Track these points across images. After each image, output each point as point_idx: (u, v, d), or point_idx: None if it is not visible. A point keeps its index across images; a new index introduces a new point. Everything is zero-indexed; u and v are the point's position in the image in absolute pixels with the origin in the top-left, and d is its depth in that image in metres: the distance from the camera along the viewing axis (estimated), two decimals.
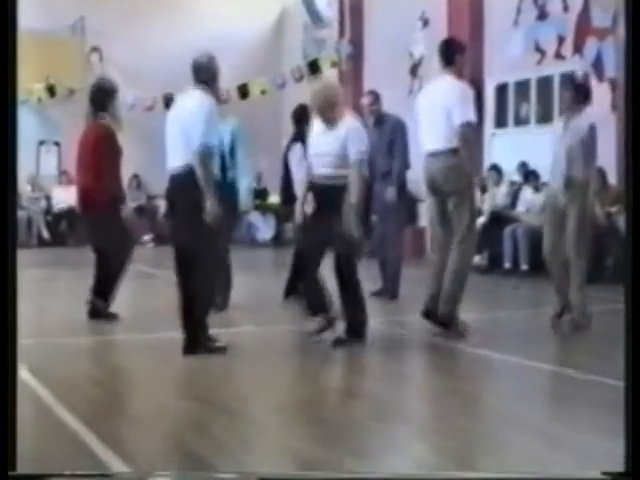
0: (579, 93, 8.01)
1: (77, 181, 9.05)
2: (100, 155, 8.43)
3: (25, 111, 16.92)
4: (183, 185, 6.66)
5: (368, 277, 10.08)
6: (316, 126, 7.28)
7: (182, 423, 4.96)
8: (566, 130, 7.89)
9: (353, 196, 6.92)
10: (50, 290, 11.18)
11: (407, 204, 10.75)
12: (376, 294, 9.78)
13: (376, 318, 8.45)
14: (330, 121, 7.07)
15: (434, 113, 7.57)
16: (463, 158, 7.48)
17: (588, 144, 7.82)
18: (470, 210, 7.64)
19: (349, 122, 7.12)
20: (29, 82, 17.61)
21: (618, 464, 3.47)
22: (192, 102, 6.76)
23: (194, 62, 7.01)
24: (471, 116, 7.47)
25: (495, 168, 13.93)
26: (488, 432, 4.67)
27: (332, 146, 7.03)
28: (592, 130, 7.82)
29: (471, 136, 7.56)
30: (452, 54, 7.71)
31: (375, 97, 10.41)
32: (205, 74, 6.93)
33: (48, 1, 18.41)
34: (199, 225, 6.51)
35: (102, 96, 8.63)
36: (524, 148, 14.12)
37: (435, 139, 7.57)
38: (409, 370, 6.77)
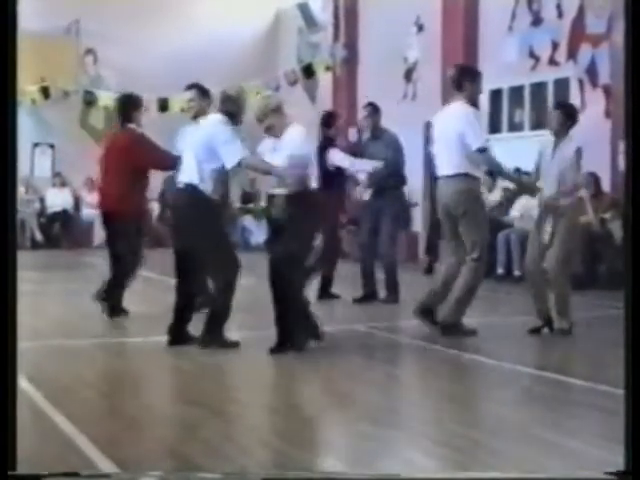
0: (568, 116, 8.07)
1: (104, 186, 9.22)
2: (133, 160, 8.61)
3: (19, 113, 16.85)
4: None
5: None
6: (266, 140, 7.22)
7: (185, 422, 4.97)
8: (555, 153, 7.95)
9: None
10: (44, 292, 11.15)
11: (400, 211, 10.73)
12: (383, 300, 9.87)
13: (370, 323, 8.50)
14: (271, 130, 7.04)
15: (444, 138, 7.85)
16: (474, 181, 7.84)
17: (575, 168, 7.96)
18: (482, 229, 7.87)
19: (291, 132, 7.02)
20: (23, 83, 17.55)
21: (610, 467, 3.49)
22: (215, 129, 7.01)
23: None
24: (483, 142, 7.74)
25: (490, 174, 13.92)
26: (481, 438, 4.68)
27: (277, 161, 6.92)
28: (578, 153, 7.91)
29: (482, 161, 7.82)
30: (461, 80, 7.91)
31: (373, 110, 10.36)
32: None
33: (43, 3, 18.39)
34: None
35: (128, 108, 8.94)
36: (518, 154, 14.12)
37: (446, 164, 7.86)
38: (404, 374, 6.78)
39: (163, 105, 18.51)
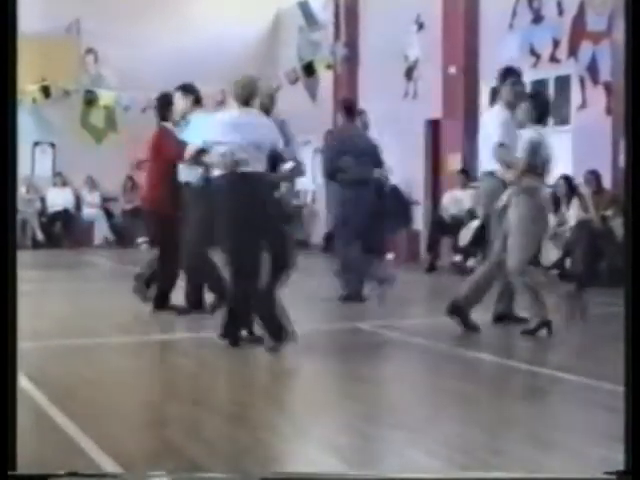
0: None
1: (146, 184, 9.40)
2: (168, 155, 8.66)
3: (20, 112, 16.85)
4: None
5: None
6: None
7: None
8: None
9: None
10: (45, 291, 11.16)
11: (397, 207, 10.70)
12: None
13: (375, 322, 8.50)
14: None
15: (481, 139, 8.31)
16: (499, 179, 7.90)
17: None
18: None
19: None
20: (24, 83, 17.56)
21: (610, 466, 3.48)
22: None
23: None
24: (504, 138, 7.83)
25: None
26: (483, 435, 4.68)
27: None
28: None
29: (507, 157, 7.80)
30: (498, 85, 8.47)
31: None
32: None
33: (44, 2, 18.39)
34: None
35: (164, 106, 9.07)
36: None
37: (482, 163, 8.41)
38: (408, 372, 6.79)
39: None
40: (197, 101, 8.79)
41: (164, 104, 9.08)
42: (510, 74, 8.40)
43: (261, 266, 6.89)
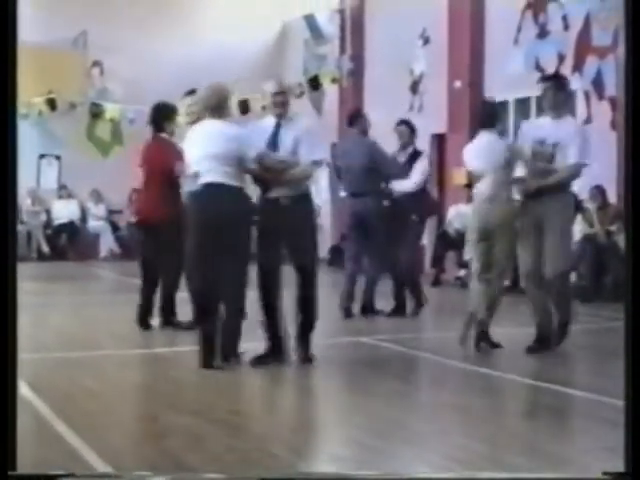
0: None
1: (140, 196, 9.45)
2: (163, 168, 8.61)
3: (26, 124, 16.92)
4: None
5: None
6: None
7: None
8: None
9: None
10: (50, 304, 11.16)
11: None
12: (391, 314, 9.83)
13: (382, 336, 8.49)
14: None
15: None
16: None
17: None
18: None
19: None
20: (30, 95, 17.61)
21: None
22: None
23: None
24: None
25: None
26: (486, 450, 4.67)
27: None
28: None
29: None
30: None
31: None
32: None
33: (51, 15, 18.46)
34: None
35: (160, 117, 8.98)
36: None
37: None
38: (409, 387, 6.78)
39: None
40: None
41: (162, 114, 8.97)
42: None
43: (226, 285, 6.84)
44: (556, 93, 7.76)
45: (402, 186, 9.93)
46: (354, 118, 10.44)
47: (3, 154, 3.43)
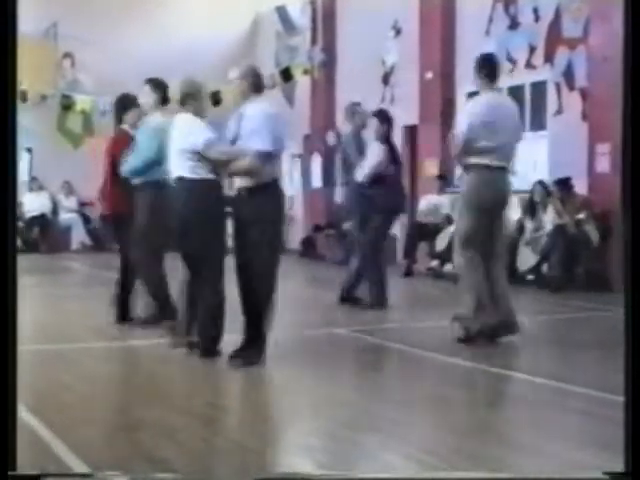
0: None
1: (102, 188, 9.45)
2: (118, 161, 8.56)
3: None
4: None
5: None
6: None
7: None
8: None
9: None
10: (21, 297, 11.07)
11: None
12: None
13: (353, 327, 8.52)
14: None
15: None
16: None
17: None
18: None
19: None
20: None
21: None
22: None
23: None
24: None
25: None
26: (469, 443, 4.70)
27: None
28: None
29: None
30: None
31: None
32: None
33: (21, 5, 18.25)
34: None
35: (121, 109, 8.93)
36: None
37: None
38: (396, 380, 6.81)
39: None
40: (164, 100, 8.35)
41: (122, 106, 8.88)
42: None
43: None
44: None
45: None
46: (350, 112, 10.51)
47: (3, 148, 3.42)
